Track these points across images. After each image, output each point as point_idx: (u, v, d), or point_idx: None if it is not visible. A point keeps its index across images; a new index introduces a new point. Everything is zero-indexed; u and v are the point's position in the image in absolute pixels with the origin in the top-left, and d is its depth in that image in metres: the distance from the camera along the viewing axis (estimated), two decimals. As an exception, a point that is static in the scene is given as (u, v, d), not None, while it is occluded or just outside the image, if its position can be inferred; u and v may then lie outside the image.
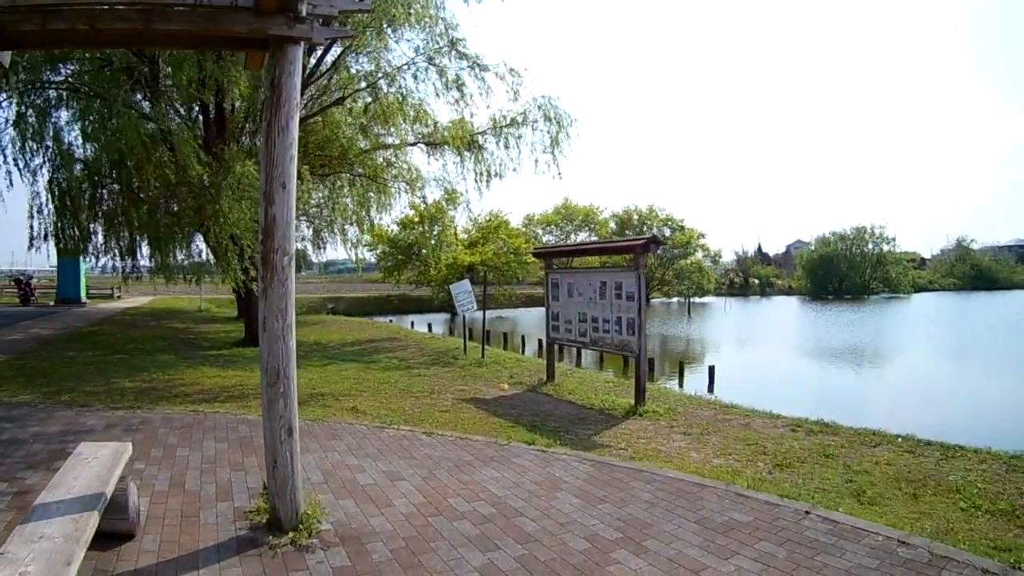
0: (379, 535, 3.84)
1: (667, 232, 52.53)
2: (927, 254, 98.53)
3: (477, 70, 15.08)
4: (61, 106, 13.38)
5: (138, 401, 7.72)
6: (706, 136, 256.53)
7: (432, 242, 24.72)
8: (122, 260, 14.91)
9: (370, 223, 18.36)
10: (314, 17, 3.77)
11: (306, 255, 23.56)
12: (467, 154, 16.66)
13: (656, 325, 33.20)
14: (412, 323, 29.87)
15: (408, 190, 17.58)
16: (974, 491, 4.96)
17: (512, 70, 15.59)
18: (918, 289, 74.32)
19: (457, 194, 18.44)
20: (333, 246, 25.54)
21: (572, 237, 53.09)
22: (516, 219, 53.79)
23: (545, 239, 52.11)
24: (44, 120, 12.78)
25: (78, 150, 13.60)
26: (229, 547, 3.63)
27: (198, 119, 15.10)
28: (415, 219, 30.39)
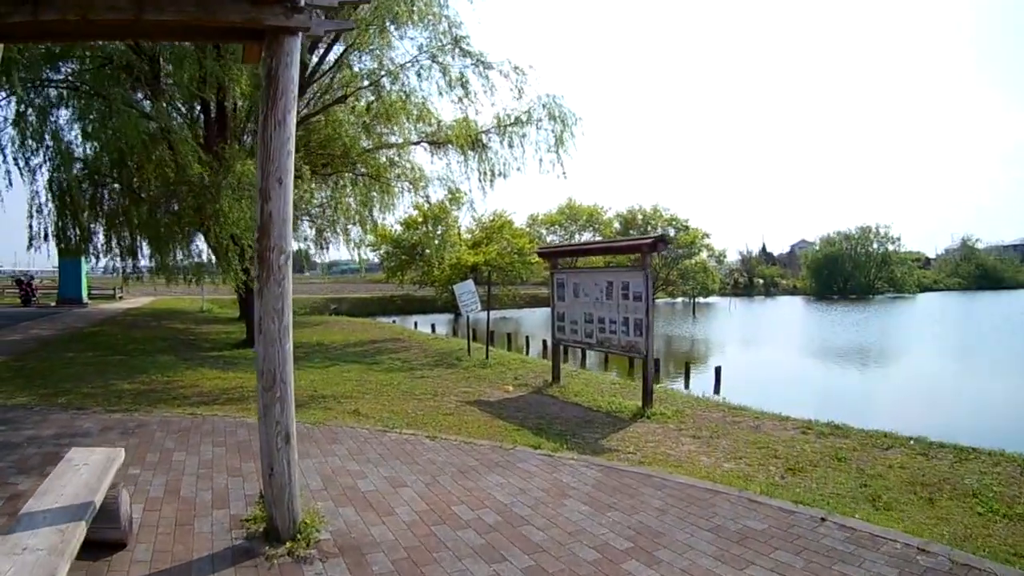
0: (380, 545, 3.69)
1: (671, 232, 52.28)
2: (931, 254, 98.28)
3: (481, 68, 14.96)
4: (61, 105, 13.32)
5: (136, 403, 7.59)
6: (710, 135, 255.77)
7: (436, 242, 24.62)
8: (123, 260, 14.85)
9: (373, 223, 18.24)
10: (313, 8, 3.63)
11: (309, 255, 23.48)
12: (471, 153, 16.53)
13: (660, 325, 33.01)
14: (415, 323, 29.74)
15: (411, 190, 17.45)
16: (990, 495, 4.85)
17: (516, 68, 15.47)
18: (923, 289, 74.02)
19: (461, 194, 18.32)
20: (336, 246, 25.49)
21: (576, 237, 52.91)
22: (520, 219, 53.49)
23: (549, 239, 51.93)
24: (44, 119, 12.70)
25: (78, 149, 13.53)
26: (224, 558, 3.49)
27: (199, 118, 14.99)
28: (418, 219, 30.26)
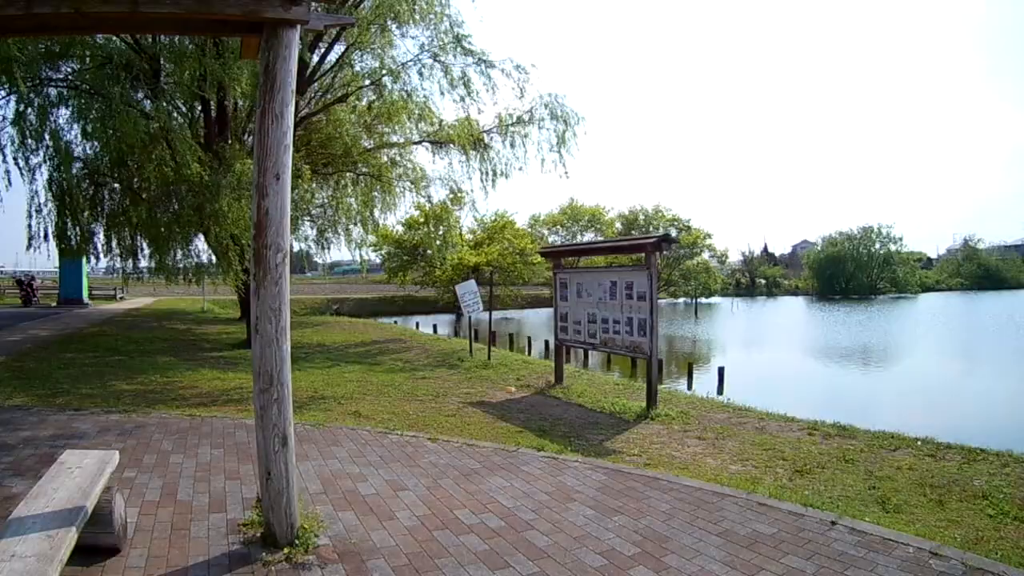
0: (380, 551, 3.59)
1: (673, 232, 52.23)
2: (933, 254, 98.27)
3: (483, 66, 14.91)
4: (61, 104, 13.25)
5: (134, 404, 7.50)
6: (712, 136, 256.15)
7: (437, 242, 24.46)
8: (123, 261, 14.77)
9: (374, 223, 18.18)
10: (311, 0, 3.54)
11: (310, 255, 23.41)
12: (473, 153, 16.48)
13: (663, 326, 32.81)
14: (417, 324, 29.66)
15: (413, 189, 17.40)
16: (1000, 497, 4.79)
17: (519, 67, 15.42)
18: (925, 289, 74.02)
19: (462, 194, 18.28)
20: (337, 246, 25.43)
21: (578, 237, 52.84)
22: (522, 219, 53.51)
23: (551, 239, 51.87)
24: (44, 118, 12.63)
25: (77, 148, 13.46)
26: (220, 564, 3.39)
27: (200, 117, 14.92)
28: (420, 219, 30.12)
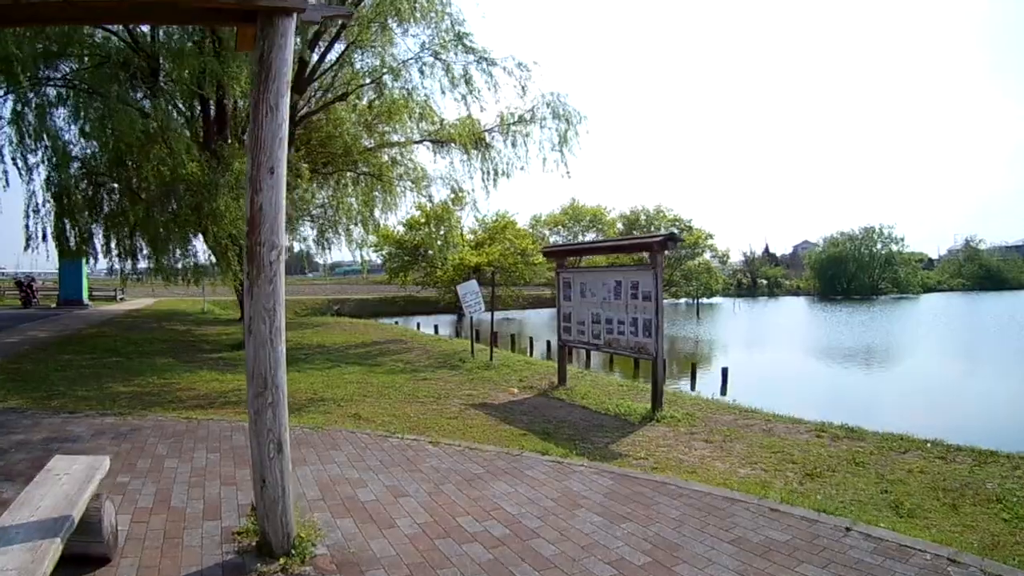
0: (380, 561, 3.45)
1: (674, 232, 52.16)
2: (934, 255, 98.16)
3: (484, 64, 14.79)
4: (59, 104, 13.15)
5: (130, 407, 7.37)
6: (714, 136, 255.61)
7: (438, 243, 24.40)
8: (121, 261, 14.67)
9: (375, 223, 18.07)
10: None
11: (311, 256, 23.32)
12: (474, 152, 16.36)
13: (666, 326, 32.72)
14: (418, 324, 29.52)
15: (414, 189, 17.29)
16: (1014, 500, 4.69)
17: (520, 64, 15.30)
18: (927, 289, 73.92)
19: (464, 193, 18.15)
20: (338, 247, 25.34)
21: (579, 237, 52.83)
22: (523, 219, 53.49)
23: (552, 239, 51.83)
24: (42, 118, 12.53)
25: (75, 148, 13.35)
26: (213, 574, 3.26)
27: (199, 116, 14.81)
28: (421, 219, 30.04)
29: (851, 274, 72.34)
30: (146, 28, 13.36)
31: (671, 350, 24.24)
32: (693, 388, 14.68)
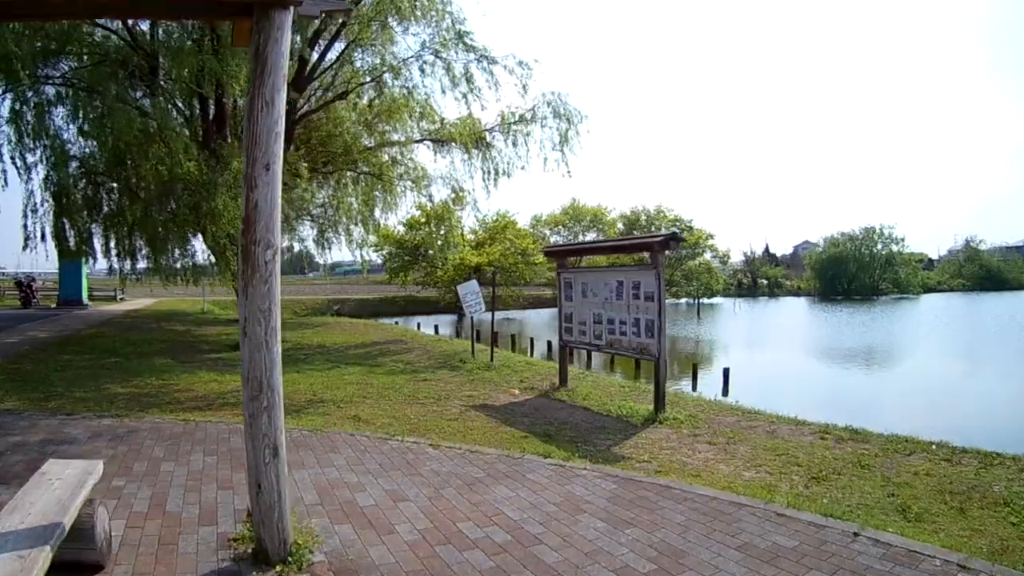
0: (379, 568, 3.36)
1: (676, 232, 52.13)
2: (934, 255, 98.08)
3: (485, 63, 14.71)
4: (58, 103, 13.08)
5: (127, 408, 7.29)
6: (714, 136, 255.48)
7: (439, 242, 24.36)
8: (120, 261, 14.60)
9: (375, 223, 18.00)
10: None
11: (311, 256, 23.27)
12: (475, 151, 16.29)
13: (667, 326, 32.69)
14: (418, 324, 29.44)
15: (414, 189, 17.22)
16: (1022, 503, 4.64)
17: (522, 63, 15.23)
18: (927, 290, 73.90)
19: (464, 193, 18.07)
20: (338, 246, 25.26)
21: (580, 237, 52.81)
22: (523, 219, 53.49)
23: (553, 239, 51.80)
24: (41, 117, 12.46)
25: (74, 147, 13.28)
26: (208, 582, 3.18)
27: (198, 115, 14.74)
28: (421, 219, 29.98)
29: (851, 274, 72.33)
30: (145, 27, 13.31)
31: (672, 350, 24.16)
32: (694, 389, 14.61)
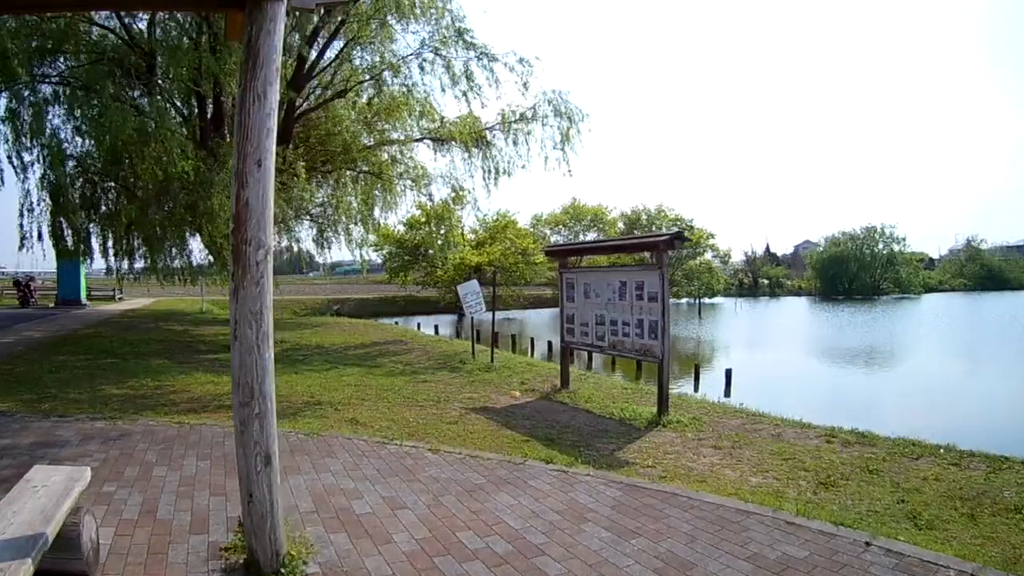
0: (375, 580, 3.25)
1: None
2: (935, 254, 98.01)
3: (486, 60, 14.60)
4: (55, 102, 12.97)
5: (121, 410, 7.16)
6: (714, 135, 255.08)
7: (439, 242, 24.27)
8: (117, 261, 14.49)
9: (375, 223, 17.87)
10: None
11: (311, 255, 23.16)
12: (475, 150, 16.18)
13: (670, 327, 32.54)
14: (418, 324, 29.33)
15: (414, 188, 17.09)
16: None
17: (522, 60, 15.10)
18: (928, 290, 73.83)
19: (464, 192, 17.95)
20: (338, 246, 25.13)
21: (580, 237, 52.71)
22: (524, 219, 53.34)
23: (553, 239, 51.69)
24: (38, 115, 12.35)
25: (70, 146, 13.17)
26: (197, 595, 3.06)
27: (195, 114, 14.62)
28: (421, 219, 29.85)
29: (852, 274, 72.27)
30: (143, 25, 13.21)
31: (673, 350, 23.92)
32: (696, 389, 14.52)
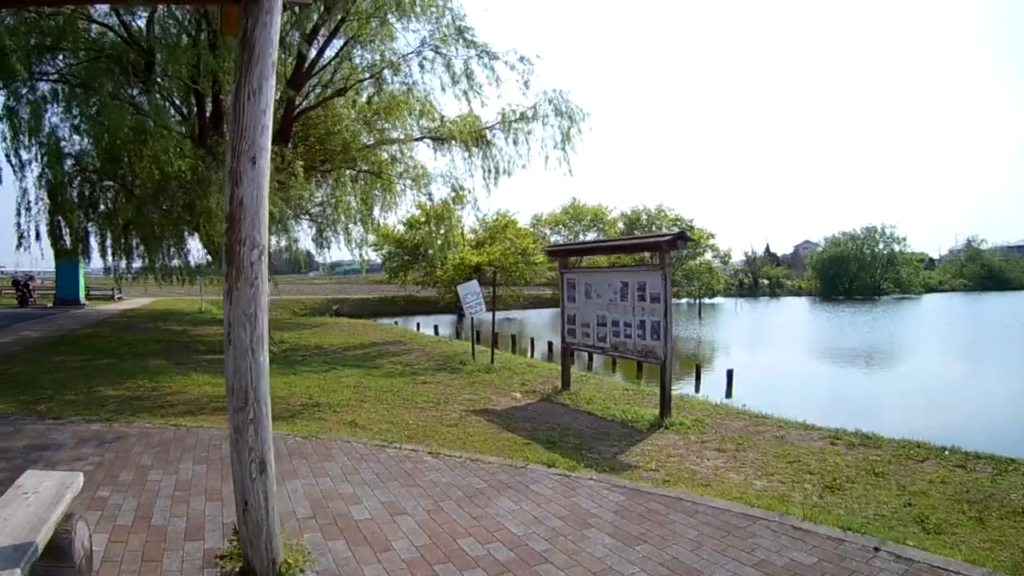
0: (374, 590, 3.16)
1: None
2: (935, 254, 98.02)
3: (486, 58, 14.48)
4: (53, 100, 12.89)
5: (118, 412, 7.07)
6: (714, 135, 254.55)
7: (438, 242, 24.19)
8: (116, 260, 14.41)
9: (375, 222, 17.77)
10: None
11: (310, 255, 23.06)
12: (475, 150, 16.08)
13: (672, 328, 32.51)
14: (418, 325, 29.26)
15: (414, 187, 16.97)
16: None
17: (523, 58, 14.98)
18: (929, 290, 73.81)
19: (464, 192, 17.83)
20: (337, 246, 25.06)
21: (580, 237, 52.60)
22: (524, 219, 53.20)
23: (553, 239, 51.57)
24: (36, 113, 12.27)
25: (68, 145, 13.08)
26: (191, 605, 2.98)
27: (194, 112, 14.53)
28: (421, 218, 29.74)
29: (853, 274, 72.25)
30: (141, 23, 13.11)
31: (674, 350, 23.98)
32: (698, 390, 14.45)
